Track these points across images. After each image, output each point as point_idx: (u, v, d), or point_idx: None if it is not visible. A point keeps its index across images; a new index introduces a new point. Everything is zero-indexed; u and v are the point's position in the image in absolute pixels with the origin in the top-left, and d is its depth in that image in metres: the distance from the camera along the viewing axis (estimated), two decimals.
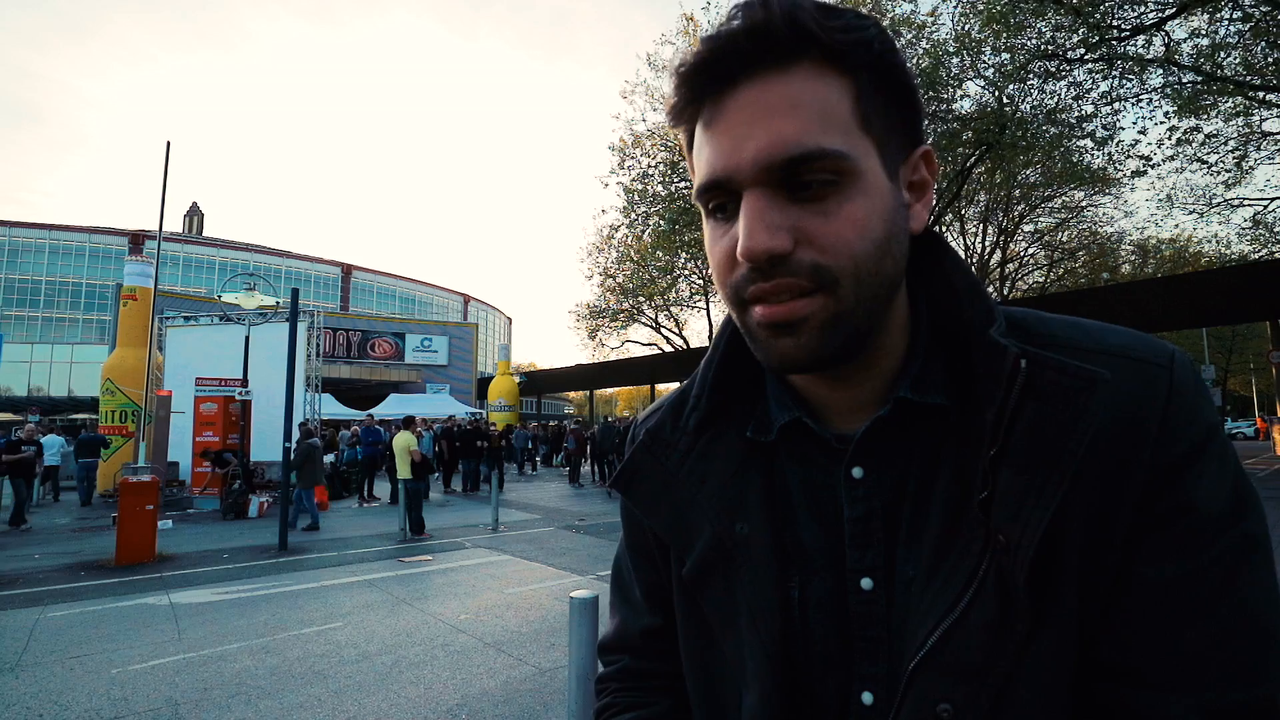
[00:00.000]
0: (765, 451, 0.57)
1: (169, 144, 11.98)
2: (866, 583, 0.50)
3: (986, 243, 23.17)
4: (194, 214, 54.13)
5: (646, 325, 26.36)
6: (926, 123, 0.55)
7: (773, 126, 0.44)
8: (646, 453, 0.62)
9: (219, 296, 16.04)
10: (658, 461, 0.61)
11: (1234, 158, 13.54)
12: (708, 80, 0.46)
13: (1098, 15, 10.58)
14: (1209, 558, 0.42)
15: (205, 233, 54.39)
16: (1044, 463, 0.42)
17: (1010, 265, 24.52)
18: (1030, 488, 0.42)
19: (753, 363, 0.59)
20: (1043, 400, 0.43)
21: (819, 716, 0.51)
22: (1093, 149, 13.33)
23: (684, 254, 20.32)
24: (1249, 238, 18.83)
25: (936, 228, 0.59)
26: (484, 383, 33.24)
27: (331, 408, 23.32)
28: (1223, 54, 10.69)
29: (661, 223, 18.06)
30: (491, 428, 17.81)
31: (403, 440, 9.51)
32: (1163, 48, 11.01)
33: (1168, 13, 10.34)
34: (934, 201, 0.53)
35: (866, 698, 0.49)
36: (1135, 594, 0.43)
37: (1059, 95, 12.61)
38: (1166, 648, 0.42)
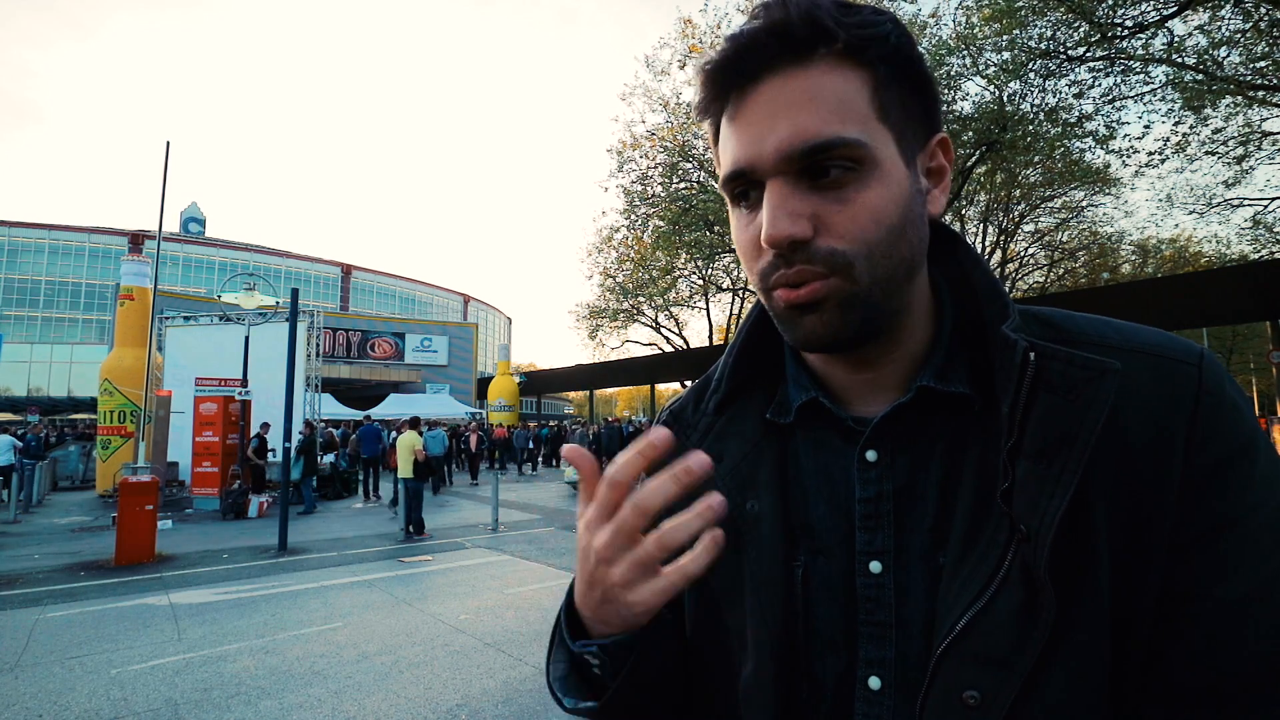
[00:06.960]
0: (782, 433, 0.59)
1: (169, 144, 11.97)
2: (875, 566, 0.51)
3: (987, 243, 23.14)
4: (193, 217, 53.98)
5: (646, 325, 26.33)
6: None
7: (793, 118, 0.46)
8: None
9: (219, 296, 16.07)
10: (677, 440, 0.63)
11: (1236, 156, 13.53)
12: (732, 76, 0.49)
13: (1100, 13, 10.57)
14: (1270, 572, 0.42)
15: (202, 233, 54.27)
16: (1057, 452, 0.43)
17: (1010, 265, 24.50)
18: (1046, 477, 0.43)
19: (775, 349, 0.62)
20: (1053, 391, 0.44)
21: (816, 696, 0.51)
22: (1094, 147, 13.32)
23: (684, 254, 20.29)
24: (1249, 238, 18.80)
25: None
26: (484, 383, 33.27)
27: (331, 408, 23.35)
28: (1223, 51, 10.69)
29: (661, 223, 18.04)
30: (477, 429, 18.19)
31: (407, 440, 9.49)
32: (1165, 45, 11.00)
33: (1169, 10, 10.33)
34: (951, 186, 0.55)
35: (874, 683, 0.49)
36: (1203, 618, 0.42)
37: (1060, 94, 12.60)
38: (1244, 667, 0.41)
